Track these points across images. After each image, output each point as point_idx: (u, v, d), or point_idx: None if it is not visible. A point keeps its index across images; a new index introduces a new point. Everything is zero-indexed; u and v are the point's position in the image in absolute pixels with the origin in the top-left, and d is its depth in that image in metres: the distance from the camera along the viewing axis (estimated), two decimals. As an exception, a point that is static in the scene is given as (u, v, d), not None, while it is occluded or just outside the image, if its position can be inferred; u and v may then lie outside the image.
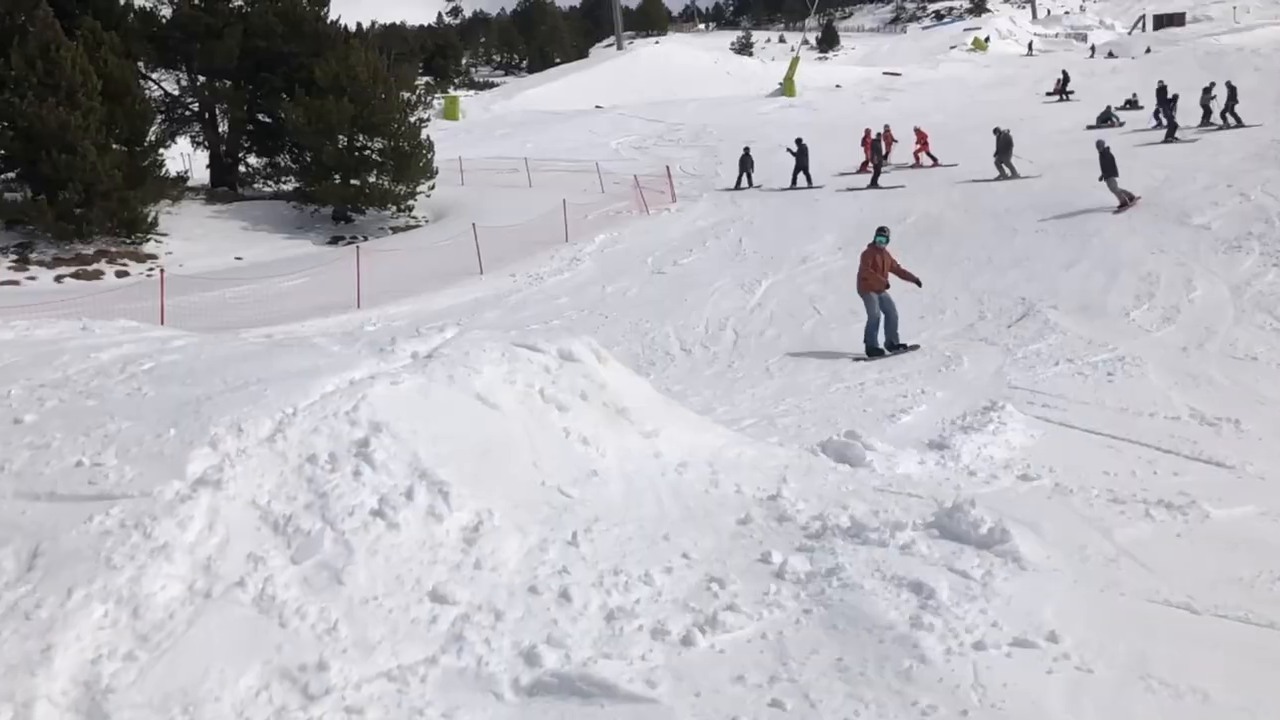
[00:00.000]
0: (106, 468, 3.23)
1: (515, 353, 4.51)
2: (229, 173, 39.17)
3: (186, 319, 14.76)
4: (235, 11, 38.16)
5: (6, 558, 2.77)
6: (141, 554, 2.80)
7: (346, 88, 31.36)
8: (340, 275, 17.28)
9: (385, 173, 31.06)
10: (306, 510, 3.14)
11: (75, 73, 29.34)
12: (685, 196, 22.76)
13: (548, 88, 55.66)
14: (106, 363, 4.54)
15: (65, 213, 28.71)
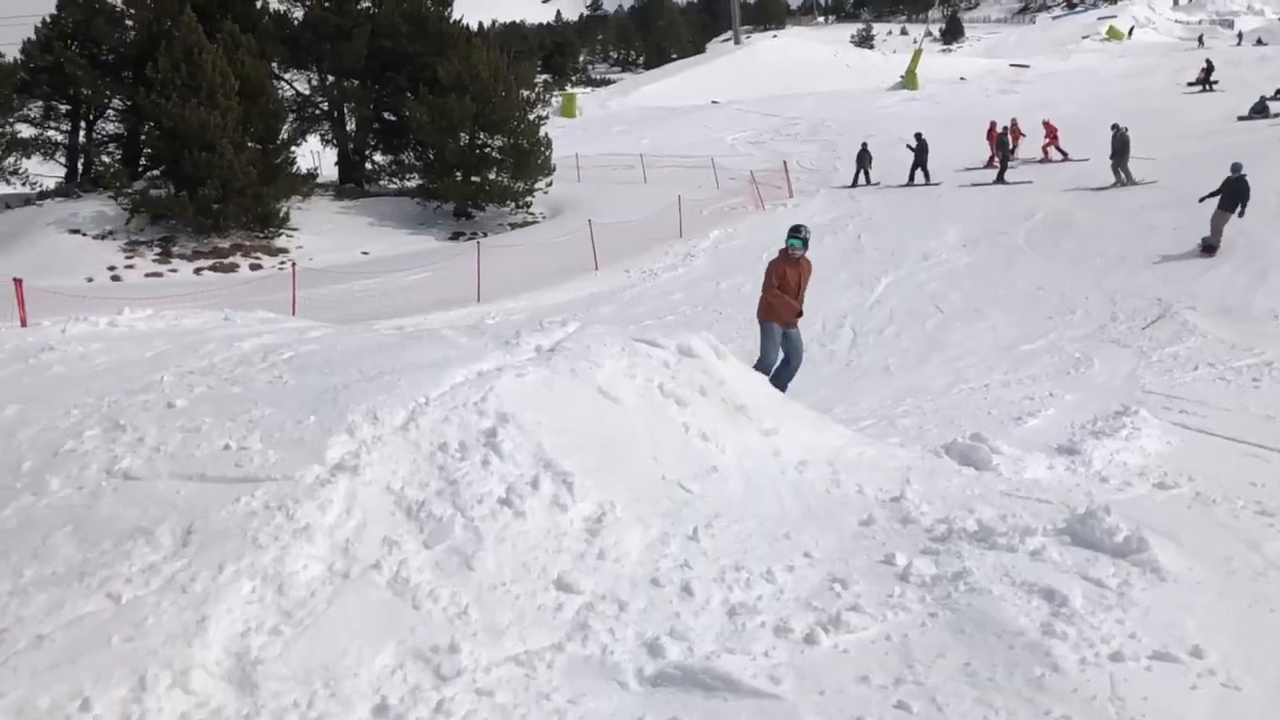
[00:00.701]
0: (252, 451, 3.39)
1: (635, 348, 4.55)
2: (356, 170, 40.56)
3: (317, 310, 15.35)
4: (363, 13, 39.46)
5: (164, 534, 2.94)
6: (285, 534, 2.94)
7: (468, 86, 32.09)
8: (461, 270, 17.68)
9: (505, 170, 31.67)
10: (438, 497, 3.24)
11: (215, 74, 30.83)
12: (802, 192, 22.53)
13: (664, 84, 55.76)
14: (249, 351, 4.77)
15: (204, 208, 30.21)
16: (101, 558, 2.89)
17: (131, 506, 3.12)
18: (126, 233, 30.56)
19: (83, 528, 3.03)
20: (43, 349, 5.23)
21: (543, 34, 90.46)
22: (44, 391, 4.45)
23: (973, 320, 10.71)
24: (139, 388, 4.27)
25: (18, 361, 5.06)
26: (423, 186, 34.11)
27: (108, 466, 3.39)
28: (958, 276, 12.73)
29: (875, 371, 9.46)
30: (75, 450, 3.56)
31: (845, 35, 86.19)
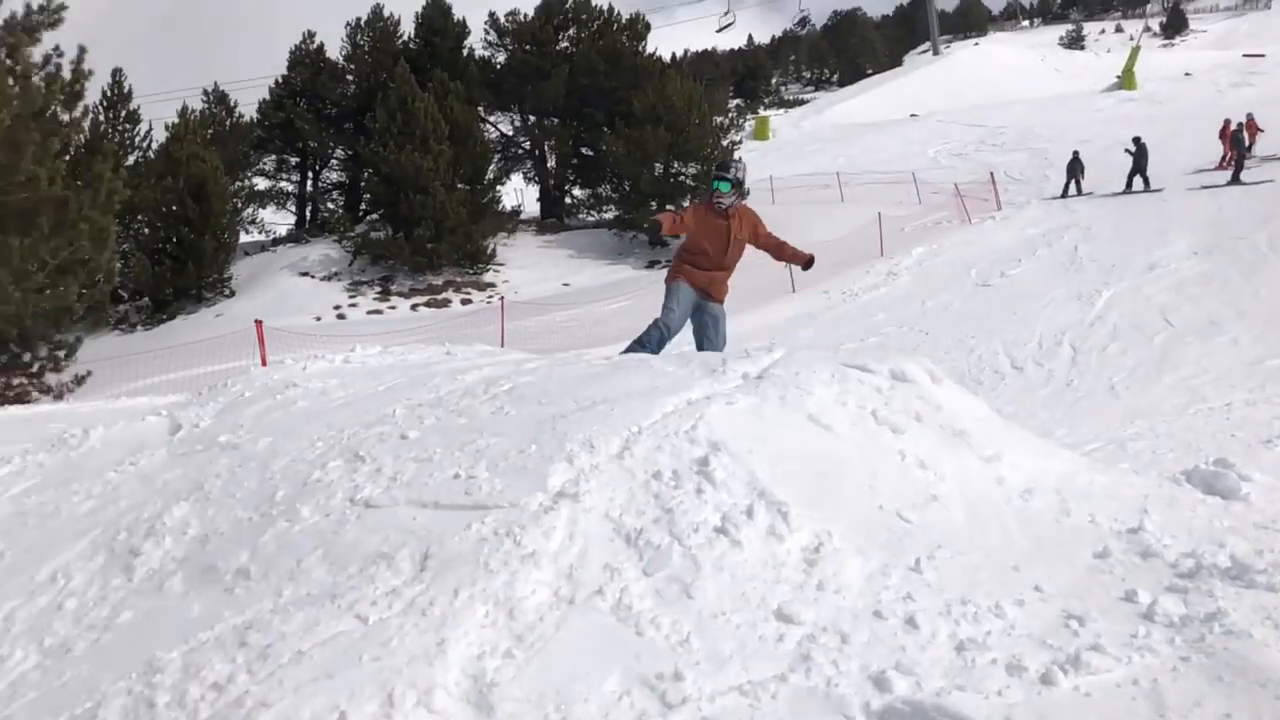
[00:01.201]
0: (480, 480, 3.56)
1: (845, 373, 4.48)
2: (556, 204, 42.08)
3: (523, 341, 16.00)
4: (562, 53, 41.08)
5: (403, 559, 3.13)
6: (514, 560, 3.06)
7: (663, 117, 32.74)
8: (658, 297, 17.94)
9: (699, 196, 32.04)
10: (655, 524, 3.29)
11: (427, 121, 32.92)
12: (1011, 203, 21.58)
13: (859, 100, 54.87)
14: (471, 384, 5.01)
15: (419, 248, 32.25)
16: (349, 581, 3.10)
17: (373, 533, 3.33)
18: (350, 273, 32.99)
19: (332, 552, 3.27)
20: (287, 385, 5.69)
21: (734, 59, 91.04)
22: (291, 425, 4.84)
23: (1209, 334, 9.91)
24: (374, 420, 4.57)
25: (267, 398, 5.53)
26: (619, 217, 35.04)
27: (351, 495, 3.64)
28: (1189, 287, 11.83)
29: (1099, 392, 8.91)
30: (321, 480, 3.85)
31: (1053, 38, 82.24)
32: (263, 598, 3.09)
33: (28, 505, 4.54)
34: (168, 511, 3.92)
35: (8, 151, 16.17)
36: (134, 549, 3.67)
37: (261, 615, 2.99)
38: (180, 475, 4.40)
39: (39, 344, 18.61)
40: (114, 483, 4.57)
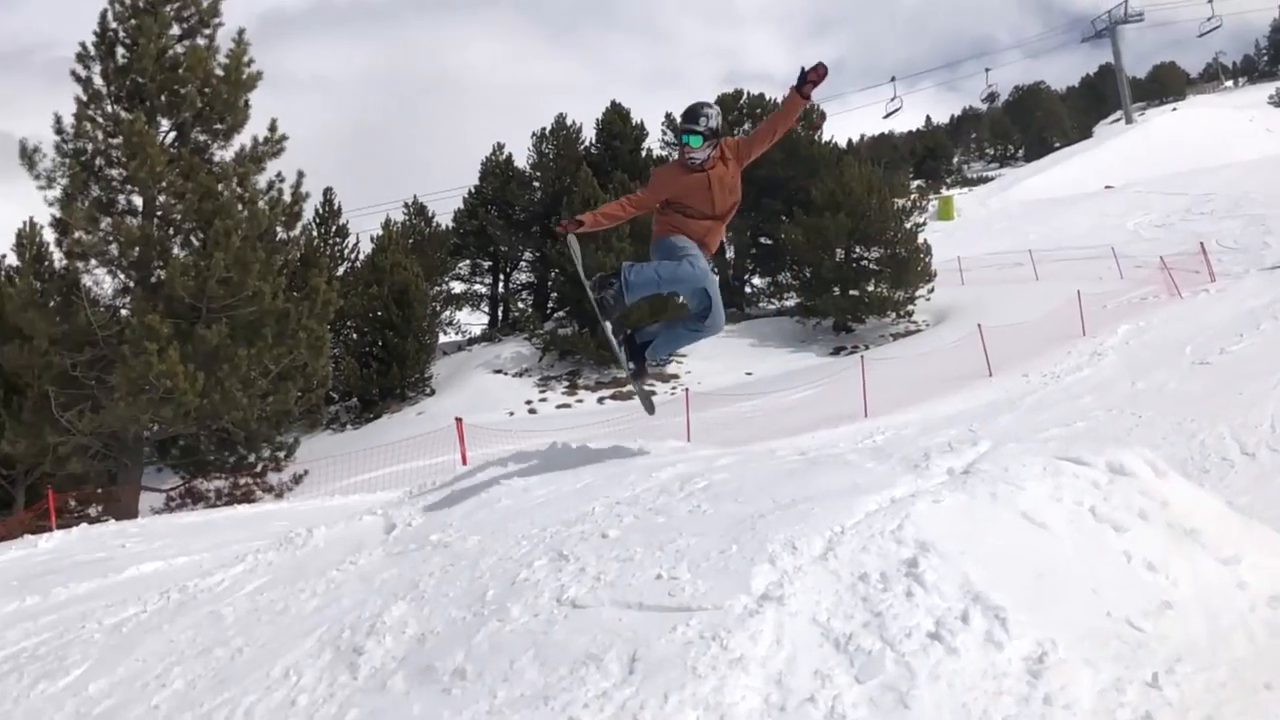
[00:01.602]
0: (682, 581, 3.56)
1: (1059, 467, 4.25)
2: (736, 294, 42.38)
3: (709, 432, 16.05)
4: (739, 148, 41.76)
5: (612, 661, 3.16)
6: (721, 665, 3.03)
7: (842, 203, 32.68)
8: (845, 385, 17.69)
9: (883, 280, 31.67)
10: (864, 629, 3.19)
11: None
12: (1226, 274, 20.20)
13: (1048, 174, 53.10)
14: (666, 481, 5.07)
15: (603, 342, 33.01)
16: (560, 682, 3.15)
17: (581, 634, 3.38)
18: (540, 369, 34.20)
19: (542, 653, 3.33)
20: (491, 484, 5.92)
21: (912, 140, 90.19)
22: (496, 524, 5.02)
23: None
24: (574, 518, 4.68)
25: (473, 496, 5.76)
26: (801, 304, 34.94)
27: (557, 595, 3.71)
28: None
29: (1349, 479, 8.08)
30: (529, 579, 3.96)
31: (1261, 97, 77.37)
32: (479, 698, 3.18)
33: (261, 602, 4.87)
34: (387, 610, 4.11)
35: (238, 270, 17.86)
36: (357, 647, 3.86)
37: (478, 717, 3.08)
38: (396, 574, 4.62)
39: (262, 445, 20.15)
40: (336, 581, 4.84)
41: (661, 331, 5.89)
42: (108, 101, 19.05)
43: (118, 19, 19.30)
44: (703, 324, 5.65)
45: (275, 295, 18.37)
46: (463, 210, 46.97)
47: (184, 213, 18.81)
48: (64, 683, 4.67)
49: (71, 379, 17.64)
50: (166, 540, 10.11)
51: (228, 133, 19.83)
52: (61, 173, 18.47)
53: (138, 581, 7.69)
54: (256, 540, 8.11)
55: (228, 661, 4.21)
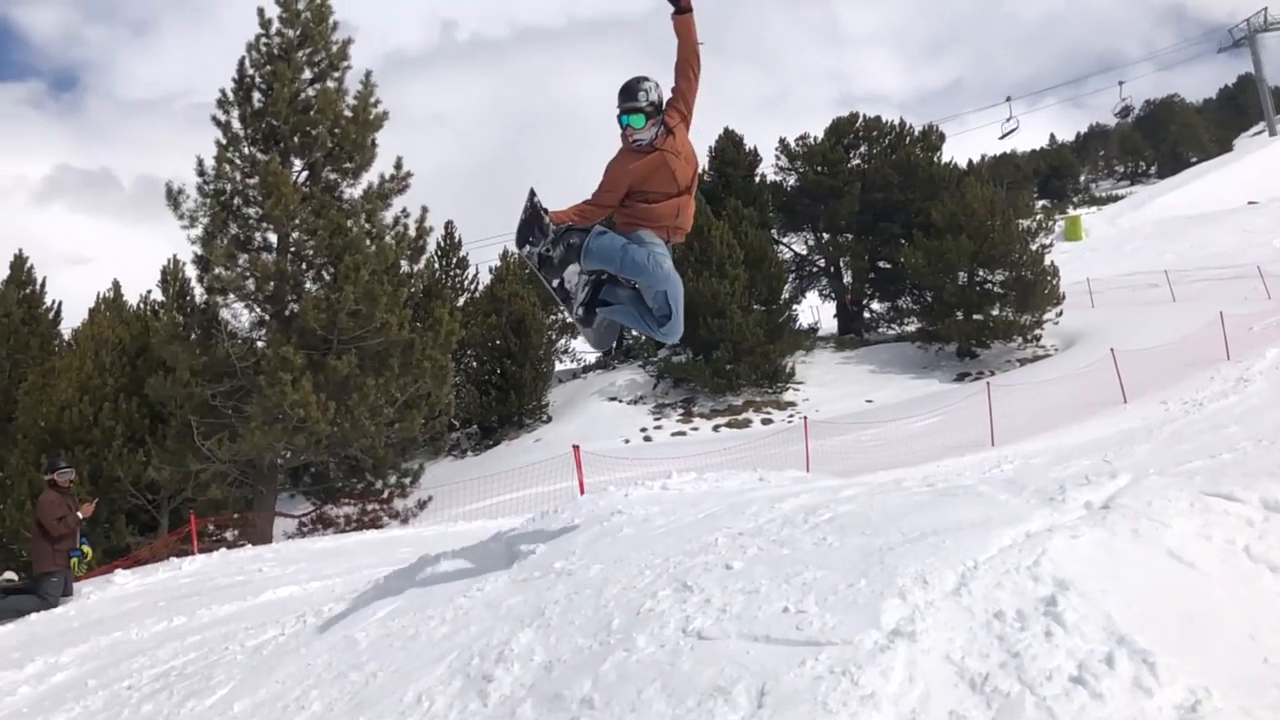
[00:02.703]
0: (810, 614, 3.51)
1: (1208, 503, 4.04)
2: (854, 320, 41.81)
3: (827, 461, 15.82)
4: (854, 171, 41.47)
5: (740, 694, 3.13)
6: (852, 701, 2.97)
7: (963, 225, 31.95)
8: (970, 412, 17.21)
9: (1008, 304, 30.77)
10: (1001, 670, 3.08)
11: (723, 247, 34.15)
12: (1386, 294, 18.91)
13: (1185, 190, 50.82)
14: (789, 512, 5.02)
15: (718, 370, 33.06)
16: (688, 714, 3.14)
17: (708, 665, 3.36)
18: (654, 397, 34.32)
19: (669, 684, 3.33)
20: (612, 513, 5.97)
21: (1035, 160, 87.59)
22: (619, 553, 5.04)
23: None
24: (697, 549, 4.67)
25: (594, 525, 5.81)
26: (922, 329, 34.22)
27: (683, 626, 3.71)
28: None
29: None
30: (654, 610, 3.96)
31: None
32: (607, 730, 3.19)
33: (392, 628, 5.01)
34: (514, 638, 4.17)
35: (366, 303, 18.54)
36: (486, 674, 3.92)
37: (606, 746, 3.09)
38: (522, 601, 4.69)
39: (389, 472, 20.77)
40: (463, 608, 4.94)
41: (627, 303, 5.21)
42: (245, 144, 20.12)
43: (254, 65, 20.40)
44: (659, 329, 5.14)
45: (401, 326, 18.99)
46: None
47: (316, 248, 19.66)
48: (210, 702, 4.88)
49: (211, 408, 18.56)
50: (300, 565, 10.51)
51: (356, 171, 20.68)
52: (203, 212, 19.56)
53: (274, 605, 8.01)
54: (386, 566, 8.36)
55: (362, 686, 4.33)
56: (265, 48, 20.41)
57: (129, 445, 20.04)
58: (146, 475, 19.20)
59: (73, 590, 11.11)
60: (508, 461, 23.99)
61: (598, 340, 5.69)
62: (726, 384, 32.71)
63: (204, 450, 18.07)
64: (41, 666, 7.57)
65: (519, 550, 5.67)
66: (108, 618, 9.22)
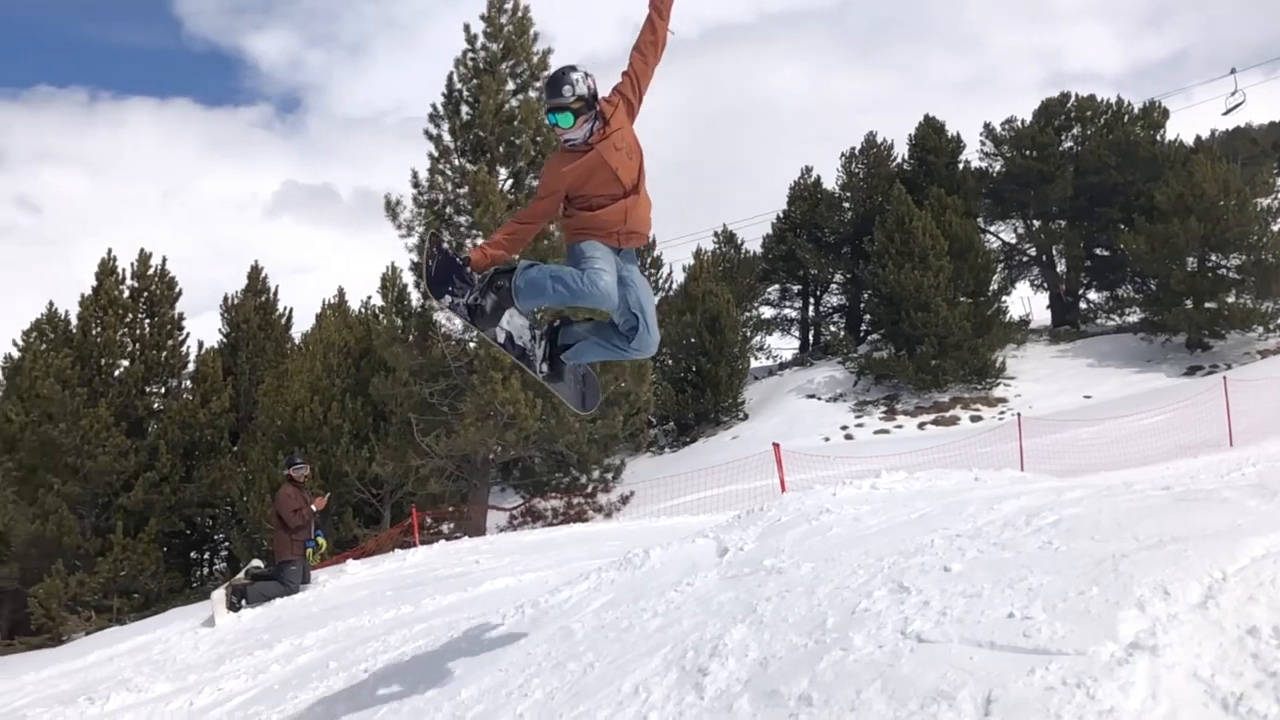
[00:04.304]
0: (1037, 622, 3.37)
1: None
2: (1069, 311, 39.59)
3: (1043, 461, 15.05)
4: (1066, 153, 39.26)
5: (965, 700, 3.05)
6: (1089, 715, 2.83)
7: (1192, 206, 29.69)
8: (1202, 410, 15.98)
9: (1246, 291, 28.34)
10: (1257, 690, 2.86)
11: (925, 238, 33.11)
12: None
13: None
14: (1010, 514, 4.82)
15: (923, 365, 32.10)
16: (910, 717, 3.08)
17: (929, 669, 3.29)
18: (854, 394, 33.69)
19: (889, 686, 3.28)
20: (821, 511, 5.91)
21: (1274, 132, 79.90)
22: (829, 552, 5.00)
23: None
24: (912, 549, 4.56)
25: (803, 523, 5.78)
26: (1146, 320, 32.06)
27: (901, 628, 3.64)
28: None
29: None
30: (869, 610, 3.90)
31: None
32: (826, 730, 3.18)
33: (607, 620, 5.16)
34: (727, 633, 4.22)
35: (569, 303, 19.09)
36: (701, 668, 3.98)
37: (828, 746, 3.07)
38: (733, 598, 4.73)
39: (592, 467, 21.36)
40: (675, 602, 5.03)
41: (588, 336, 4.75)
42: (455, 155, 21.19)
43: (462, 80, 21.47)
44: (628, 344, 4.59)
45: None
46: (771, 236, 47.47)
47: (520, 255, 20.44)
48: (440, 687, 5.19)
49: (429, 406, 19.66)
50: (514, 557, 10.98)
51: (558, 177, 21.34)
52: (418, 221, 20.74)
53: (493, 596, 8.41)
54: (594, 559, 8.62)
55: (580, 675, 4.49)
56: (472, 62, 21.44)
57: (354, 442, 21.53)
58: (371, 470, 20.56)
59: (310, 578, 12.06)
60: (706, 459, 24.16)
61: (579, 398, 5.12)
62: (932, 380, 31.70)
63: (423, 446, 19.15)
64: (288, 648, 8.27)
65: (727, 546, 5.72)
66: (342, 604, 9.95)
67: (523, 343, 4.75)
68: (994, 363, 31.72)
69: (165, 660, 9.37)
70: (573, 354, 4.76)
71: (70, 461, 24.67)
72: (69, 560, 24.44)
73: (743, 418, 34.42)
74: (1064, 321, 38.83)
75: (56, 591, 23.71)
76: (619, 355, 4.73)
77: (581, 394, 5.14)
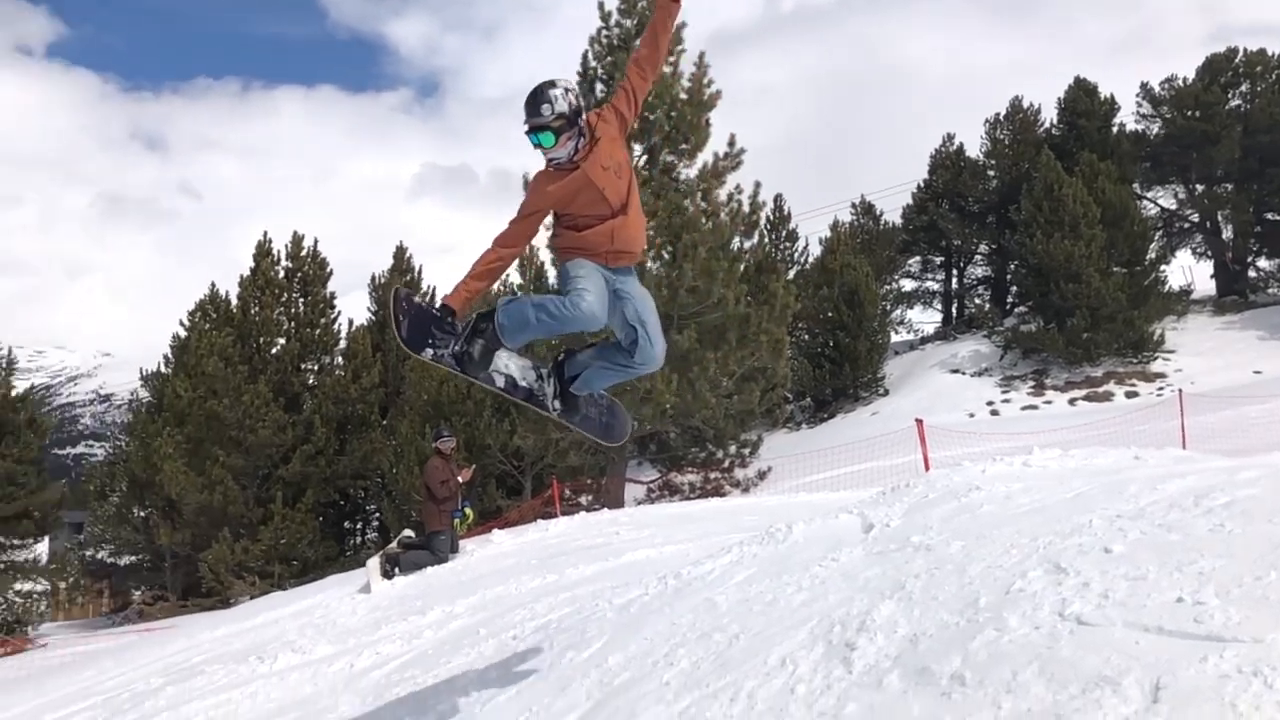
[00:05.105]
0: (1209, 607, 3.21)
1: None
2: (1237, 280, 37.28)
3: (1206, 440, 14.24)
4: (1232, 112, 36.78)
5: (1131, 686, 2.93)
6: (1267, 705, 2.69)
7: (1380, 166, 27.35)
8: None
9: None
10: None
11: (1076, 205, 31.65)
12: None
13: None
14: (1175, 494, 4.59)
15: (1074, 338, 30.76)
16: (1071, 701, 2.98)
17: (1090, 653, 3.18)
18: (1000, 368, 32.58)
19: (1047, 668, 3.18)
20: (970, 489, 5.76)
21: None
22: (980, 530, 4.87)
23: None
24: (1068, 530, 4.40)
25: (951, 500, 5.65)
26: (1326, 290, 29.81)
27: (1059, 609, 3.52)
28: None
29: None
30: (1024, 590, 3.79)
31: None
32: (982, 707, 3.11)
33: (751, 593, 5.18)
34: (875, 609, 4.17)
35: (704, 279, 19.12)
36: (849, 643, 3.95)
37: (983, 726, 3.02)
38: (880, 574, 4.67)
39: (729, 442, 21.37)
40: (820, 577, 5.00)
41: (593, 361, 4.61)
42: (590, 133, 21.38)
43: (596, 58, 21.64)
44: (630, 359, 4.43)
45: (737, 301, 19.42)
46: (912, 206, 46.20)
47: (655, 229, 20.53)
48: (586, 654, 5.31)
49: (568, 381, 20.00)
50: (653, 529, 11.11)
51: (692, 151, 21.35)
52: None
53: (635, 566, 8.55)
54: (734, 533, 8.65)
55: (726, 646, 4.52)
56: (605, 39, 21.57)
57: (496, 415, 22.16)
58: (513, 443, 21.14)
59: (458, 547, 12.52)
60: (844, 435, 23.84)
61: (604, 429, 4.97)
62: (1083, 354, 30.35)
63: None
64: (440, 615, 8.62)
65: (872, 522, 5.64)
66: (490, 573, 10.29)
67: (527, 384, 4.64)
68: (1151, 335, 30.14)
69: (326, 624, 9.90)
70: (582, 383, 4.64)
71: (233, 435, 26.26)
72: (234, 528, 26.09)
73: (883, 393, 33.75)
74: (1230, 291, 36.50)
75: (224, 557, 25.36)
76: (626, 374, 4.58)
77: (606, 425, 5.00)
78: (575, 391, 4.65)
